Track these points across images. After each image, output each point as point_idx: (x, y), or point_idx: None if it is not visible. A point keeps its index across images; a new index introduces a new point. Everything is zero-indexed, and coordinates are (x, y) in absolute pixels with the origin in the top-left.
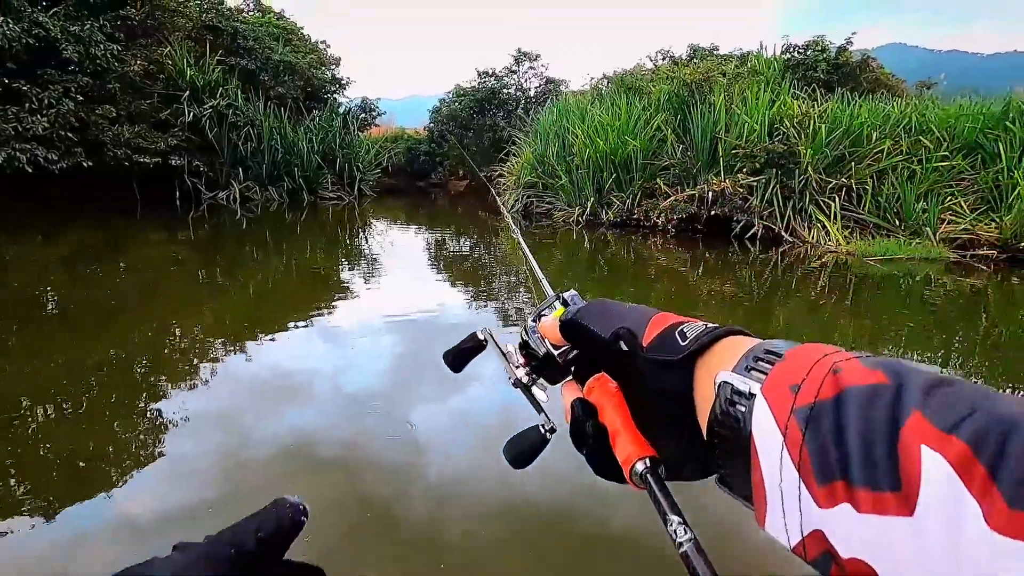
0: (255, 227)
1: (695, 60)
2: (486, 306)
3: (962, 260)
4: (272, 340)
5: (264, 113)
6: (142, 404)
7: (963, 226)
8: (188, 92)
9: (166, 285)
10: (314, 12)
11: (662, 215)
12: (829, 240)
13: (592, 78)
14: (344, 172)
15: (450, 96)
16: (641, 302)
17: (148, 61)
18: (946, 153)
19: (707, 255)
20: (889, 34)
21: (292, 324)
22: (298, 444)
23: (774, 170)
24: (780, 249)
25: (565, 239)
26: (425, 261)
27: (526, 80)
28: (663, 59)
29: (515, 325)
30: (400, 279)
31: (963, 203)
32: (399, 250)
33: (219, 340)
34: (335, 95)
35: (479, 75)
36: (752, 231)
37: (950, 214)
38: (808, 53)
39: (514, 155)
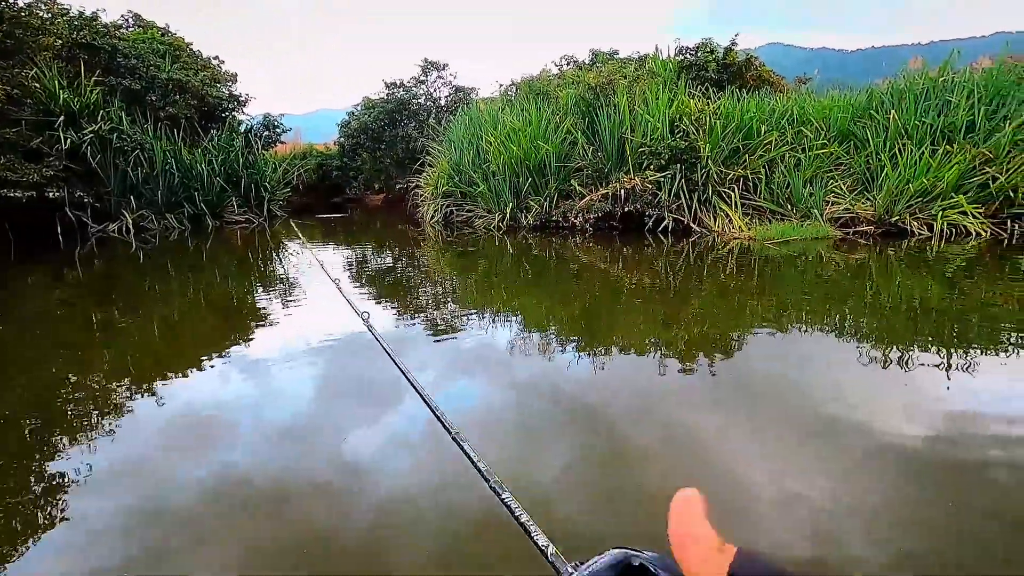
0: (154, 259)
1: (597, 64)
2: (413, 321)
3: (846, 237)
4: (184, 378)
5: (155, 136)
6: (34, 466)
7: (844, 206)
8: (63, 117)
9: (55, 332)
10: (206, 28)
11: (579, 215)
12: (732, 227)
13: (501, 85)
14: (251, 193)
15: (359, 108)
16: (567, 299)
17: (11, 85)
18: (824, 141)
19: (624, 250)
20: (768, 35)
21: (205, 359)
22: (221, 489)
23: (678, 165)
24: (691, 239)
25: (488, 245)
26: (346, 279)
27: (435, 89)
28: (567, 64)
29: (446, 334)
30: (320, 300)
31: (842, 185)
32: (317, 270)
33: (123, 385)
34: (234, 113)
35: (387, 86)
36: (664, 224)
37: (833, 196)
38: (699, 55)
39: (430, 165)
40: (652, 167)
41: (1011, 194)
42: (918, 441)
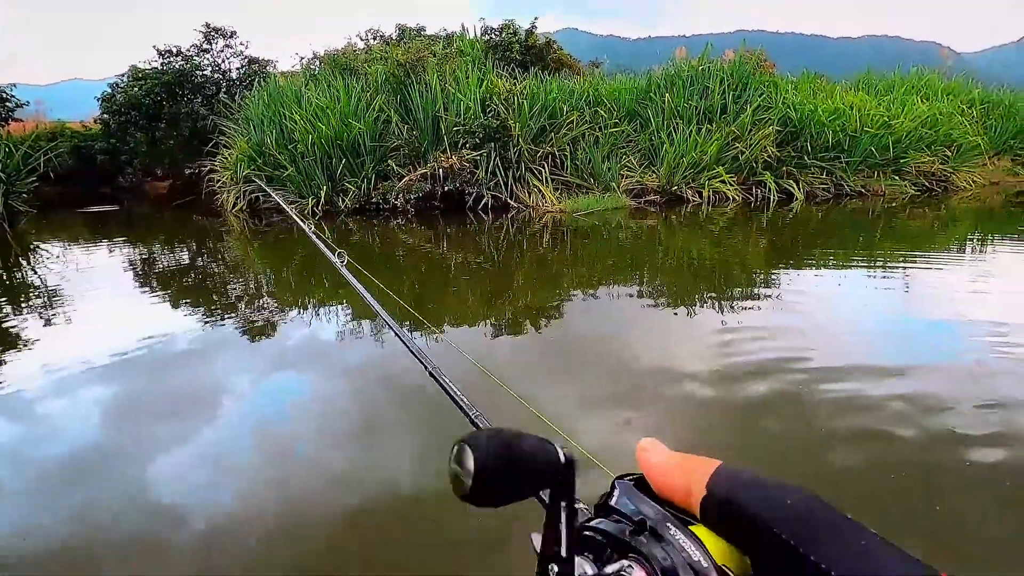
0: None
1: (405, 40)
2: (222, 322)
3: (639, 206)
4: None
5: None
6: None
7: (635, 178)
8: None
9: None
10: None
11: (399, 196)
12: (545, 202)
13: (302, 58)
14: None
15: (125, 80)
16: (392, 285)
17: None
18: (616, 120)
19: (448, 229)
20: (563, 20)
21: None
22: None
23: (492, 143)
24: (509, 215)
25: (302, 233)
26: (131, 285)
27: (224, 60)
28: (374, 39)
29: (260, 338)
30: (96, 312)
31: (633, 160)
32: (89, 277)
33: None
34: None
35: (160, 54)
36: (483, 202)
37: (626, 170)
38: (503, 35)
39: (225, 147)
40: (468, 146)
41: (753, 165)
42: (703, 366)
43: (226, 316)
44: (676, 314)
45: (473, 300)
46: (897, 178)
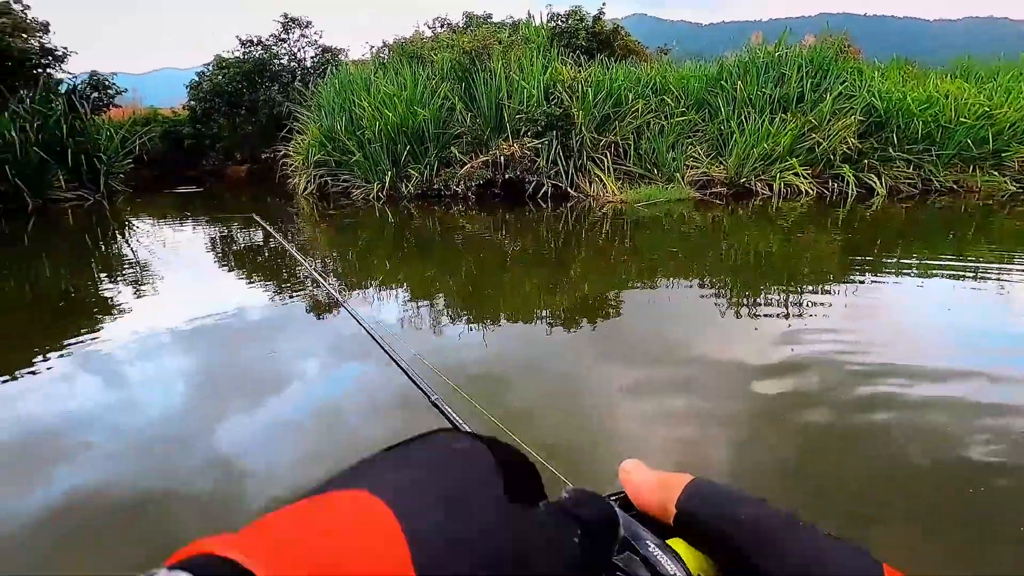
0: None
1: (471, 28)
2: (289, 301)
3: (704, 198)
4: (14, 383)
5: None
6: None
7: (701, 170)
8: None
9: None
10: None
11: (460, 183)
12: (606, 192)
13: (372, 47)
14: (82, 166)
15: (211, 68)
16: (453, 269)
17: None
18: (683, 109)
19: (507, 217)
20: (632, 6)
21: (40, 360)
22: (76, 510)
23: (554, 132)
24: (568, 204)
25: (368, 217)
26: (210, 261)
27: (299, 49)
28: (441, 26)
29: (325, 308)
30: (180, 285)
31: (700, 150)
32: (174, 252)
33: None
34: (49, 70)
35: (242, 44)
36: (543, 190)
37: (692, 160)
38: (569, 22)
39: (299, 132)
40: (530, 134)
41: (831, 157)
42: (766, 370)
43: (293, 293)
44: (738, 316)
45: (530, 288)
46: (996, 173)
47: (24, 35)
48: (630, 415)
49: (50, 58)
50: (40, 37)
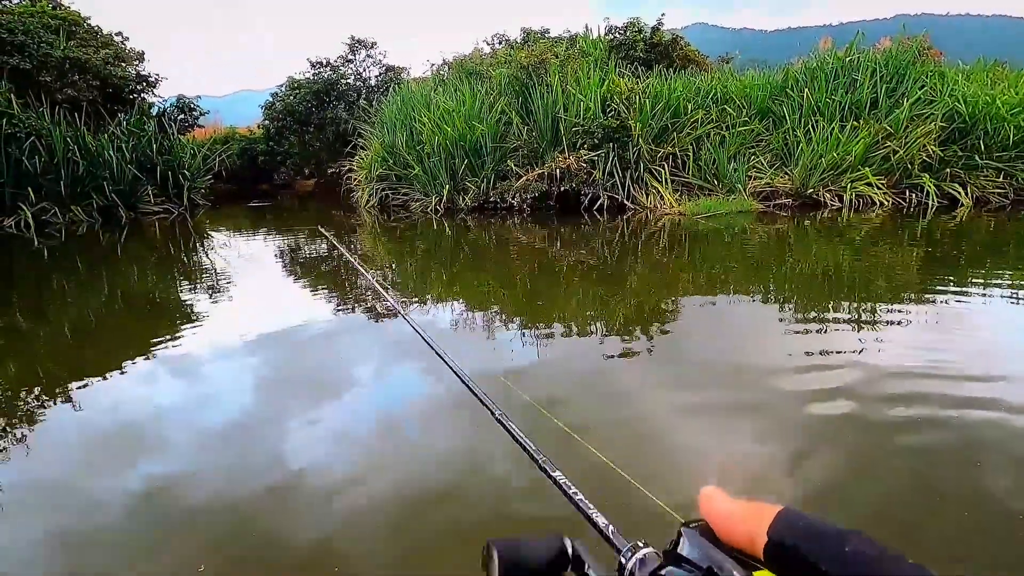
0: (60, 255)
1: (529, 43)
2: (352, 310)
3: (767, 210)
4: (105, 382)
5: (54, 121)
6: None
7: (765, 180)
8: None
9: None
10: (106, 3)
11: (516, 196)
12: (664, 204)
13: (433, 64)
14: (168, 181)
15: (283, 89)
16: (508, 279)
17: None
18: (746, 119)
19: (562, 229)
20: (693, 15)
21: (128, 360)
22: (156, 503)
23: (611, 144)
24: (625, 216)
25: (426, 229)
26: (279, 270)
27: (364, 69)
28: (499, 43)
29: (386, 318)
30: (253, 293)
31: (763, 161)
32: (247, 262)
33: (33, 395)
34: (143, 95)
35: (312, 65)
36: (599, 202)
37: (755, 171)
38: (628, 34)
39: (362, 148)
40: (586, 146)
41: (908, 166)
42: (836, 392)
43: (355, 305)
44: (807, 328)
45: (584, 299)
46: None
47: (123, 64)
48: (693, 434)
49: (144, 84)
50: (136, 65)
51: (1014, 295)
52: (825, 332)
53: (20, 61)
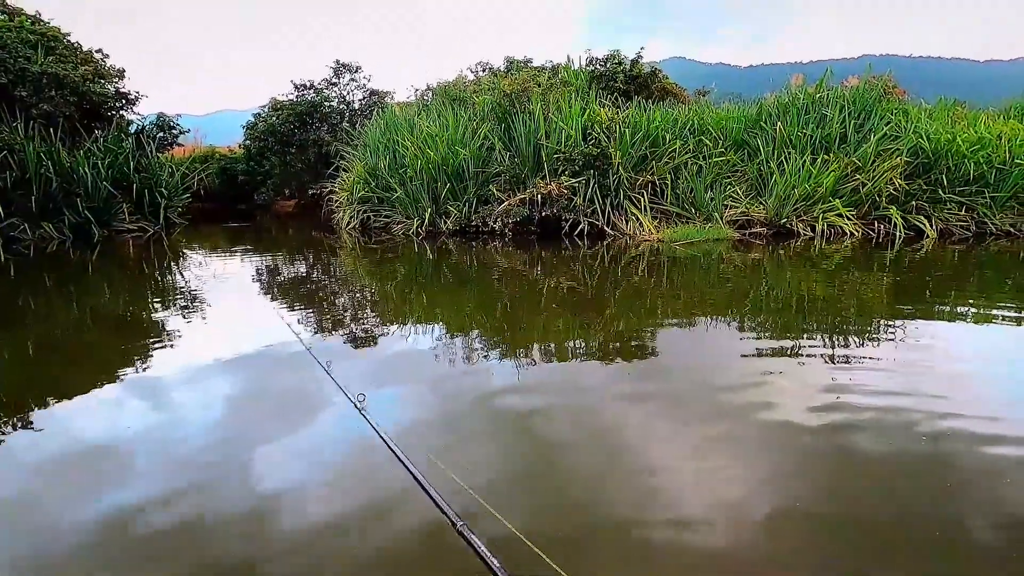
0: (28, 272)
1: (512, 72)
2: (332, 332)
3: (743, 238)
4: (68, 403)
5: (27, 135)
6: None
7: (740, 209)
8: None
9: None
10: (85, 20)
11: (498, 220)
12: (643, 230)
13: (416, 89)
14: (144, 199)
15: (266, 110)
16: (488, 303)
17: None
18: (722, 150)
19: (543, 254)
20: (671, 49)
21: (95, 381)
22: (119, 531)
23: (592, 171)
24: (605, 242)
25: (407, 251)
26: (256, 290)
27: (348, 92)
28: (483, 71)
29: (366, 346)
30: (228, 314)
31: (739, 190)
32: (224, 282)
33: None
34: (122, 112)
35: (296, 88)
36: (580, 228)
37: (730, 200)
38: (608, 66)
39: (344, 170)
40: (567, 173)
41: (876, 199)
42: (808, 417)
43: (335, 327)
44: (778, 353)
45: (564, 324)
46: None
47: (103, 80)
48: (680, 492)
49: (124, 101)
50: (116, 82)
51: (979, 322)
52: (800, 360)
53: None
